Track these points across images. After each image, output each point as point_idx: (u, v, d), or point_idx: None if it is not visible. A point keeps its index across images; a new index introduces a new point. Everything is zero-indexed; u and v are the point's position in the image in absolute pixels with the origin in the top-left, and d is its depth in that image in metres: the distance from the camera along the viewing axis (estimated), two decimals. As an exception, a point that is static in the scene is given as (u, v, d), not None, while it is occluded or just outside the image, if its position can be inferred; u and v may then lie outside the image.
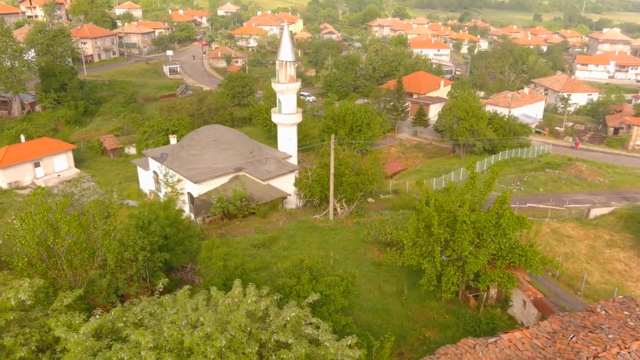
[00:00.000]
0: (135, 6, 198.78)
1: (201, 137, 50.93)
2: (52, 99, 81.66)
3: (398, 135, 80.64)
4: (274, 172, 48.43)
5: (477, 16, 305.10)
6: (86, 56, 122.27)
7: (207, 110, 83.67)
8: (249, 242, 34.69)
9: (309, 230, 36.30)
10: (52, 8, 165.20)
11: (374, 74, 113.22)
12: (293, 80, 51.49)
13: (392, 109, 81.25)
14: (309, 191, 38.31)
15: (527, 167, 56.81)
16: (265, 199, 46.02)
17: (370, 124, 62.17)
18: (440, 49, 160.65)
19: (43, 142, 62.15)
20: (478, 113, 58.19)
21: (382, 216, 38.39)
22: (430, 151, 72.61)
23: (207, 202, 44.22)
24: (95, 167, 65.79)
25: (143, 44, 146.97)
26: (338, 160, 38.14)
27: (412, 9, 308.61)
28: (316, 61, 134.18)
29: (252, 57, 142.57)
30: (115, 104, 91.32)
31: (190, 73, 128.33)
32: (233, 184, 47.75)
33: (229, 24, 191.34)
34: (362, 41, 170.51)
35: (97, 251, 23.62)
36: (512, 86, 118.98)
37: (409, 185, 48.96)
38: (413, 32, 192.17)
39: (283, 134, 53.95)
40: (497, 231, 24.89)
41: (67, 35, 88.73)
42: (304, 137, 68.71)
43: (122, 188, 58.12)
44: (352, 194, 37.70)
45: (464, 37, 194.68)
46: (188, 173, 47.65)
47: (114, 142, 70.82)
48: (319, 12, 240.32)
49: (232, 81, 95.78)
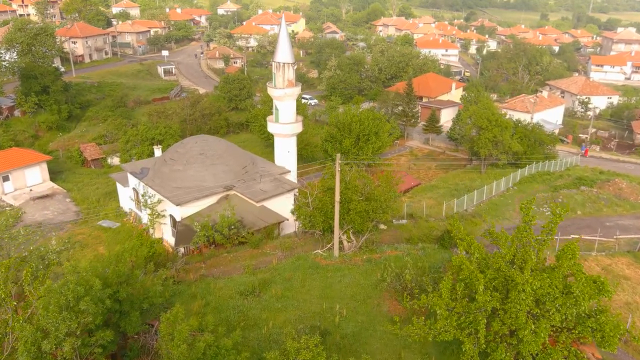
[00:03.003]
0: (132, 5, 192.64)
1: (186, 149, 44.36)
2: (32, 103, 75.22)
3: (408, 143, 73.96)
4: (270, 192, 41.83)
5: (483, 15, 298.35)
6: (77, 56, 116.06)
7: (200, 116, 77.15)
8: (235, 288, 28.08)
9: (309, 271, 29.67)
10: (45, 6, 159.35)
11: (380, 76, 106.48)
12: (292, 84, 44.85)
13: (402, 114, 74.55)
14: (309, 221, 31.68)
15: (557, 183, 50.10)
16: (259, 224, 39.40)
17: (379, 133, 55.51)
18: (448, 49, 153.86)
19: (13, 153, 55.65)
20: (502, 122, 51.44)
21: (398, 252, 31.73)
22: (444, 161, 65.87)
23: (190, 229, 37.63)
24: (73, 180, 59.21)
25: (138, 44, 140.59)
26: (344, 182, 31.51)
27: (416, 8, 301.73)
28: (319, 62, 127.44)
29: (251, 58, 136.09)
30: (103, 107, 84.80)
31: (186, 74, 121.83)
32: (222, 205, 41.14)
33: (228, 23, 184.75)
34: (367, 41, 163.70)
35: (6, 336, 17.01)
36: (526, 88, 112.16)
37: (427, 207, 42.23)
38: (419, 31, 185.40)
39: (281, 145, 47.32)
40: (566, 300, 18.17)
41: (50, 34, 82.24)
42: (304, 147, 62.15)
43: (100, 206, 51.66)
44: (361, 225, 31.08)
45: (471, 36, 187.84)
46: (170, 193, 41.09)
47: (95, 151, 64.29)
48: (322, 10, 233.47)
49: (228, 83, 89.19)
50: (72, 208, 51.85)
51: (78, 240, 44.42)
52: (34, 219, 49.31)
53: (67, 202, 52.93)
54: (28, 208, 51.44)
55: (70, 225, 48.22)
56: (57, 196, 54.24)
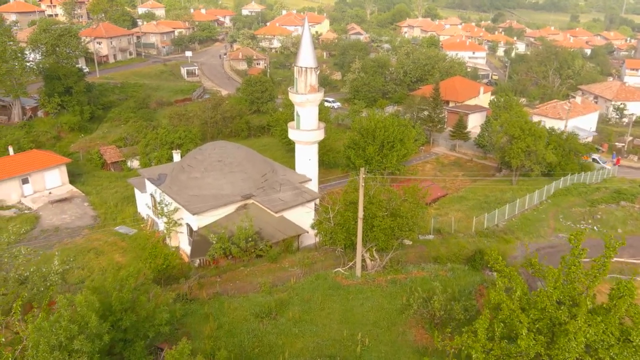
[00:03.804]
0: (158, 5, 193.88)
1: (204, 156, 43.00)
2: (55, 104, 75.19)
3: (434, 150, 71.47)
4: (289, 202, 40.10)
5: (511, 17, 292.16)
6: (101, 56, 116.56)
7: (221, 119, 76.07)
8: (251, 308, 26.39)
9: (329, 292, 27.80)
10: (72, 6, 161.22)
11: (405, 79, 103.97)
12: (314, 90, 43.04)
13: (427, 119, 72.07)
14: (330, 238, 29.80)
15: (594, 196, 47.10)
16: (277, 236, 37.72)
17: (404, 140, 53.29)
18: (475, 52, 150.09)
19: (33, 155, 55.17)
20: (536, 131, 48.65)
21: (425, 272, 29.61)
22: (471, 169, 63.28)
23: (206, 240, 36.16)
24: (92, 183, 58.54)
25: (162, 44, 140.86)
26: (368, 197, 29.55)
27: (442, 9, 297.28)
28: (342, 64, 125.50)
29: (274, 59, 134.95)
30: (125, 109, 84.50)
31: (209, 75, 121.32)
32: (240, 215, 39.62)
33: (252, 24, 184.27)
34: (391, 42, 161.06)
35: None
36: (557, 93, 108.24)
37: (455, 221, 39.87)
38: (445, 33, 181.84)
39: (301, 153, 45.54)
40: (623, 349, 15.89)
41: (73, 35, 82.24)
42: (326, 152, 60.35)
43: (117, 211, 50.69)
44: (385, 242, 29.07)
45: (499, 38, 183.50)
46: (186, 201, 39.73)
47: (115, 154, 63.61)
48: (346, 11, 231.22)
49: (250, 85, 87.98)
50: (90, 212, 51.02)
51: (94, 247, 43.42)
52: (52, 223, 48.63)
53: (85, 206, 52.16)
54: (46, 212, 50.83)
55: (86, 231, 47.33)
56: (76, 200, 53.54)
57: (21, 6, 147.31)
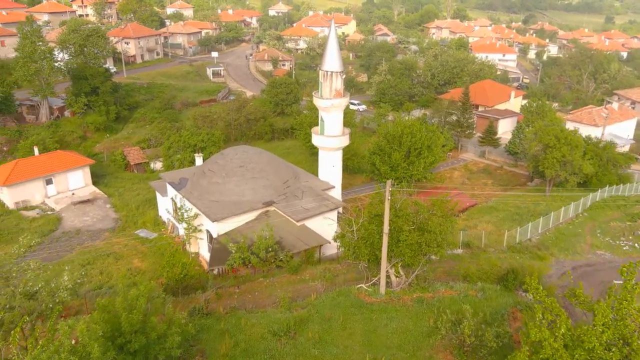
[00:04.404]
0: (186, 5, 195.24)
1: (226, 161, 42.11)
2: (82, 104, 75.59)
3: (462, 156, 69.24)
4: (312, 211, 38.83)
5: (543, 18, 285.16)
6: (129, 57, 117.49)
7: (245, 121, 75.37)
8: (268, 326, 25.16)
9: (350, 310, 26.38)
10: (102, 7, 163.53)
11: (433, 82, 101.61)
12: (340, 95, 41.67)
13: (456, 124, 69.86)
14: (353, 252, 28.35)
15: (634, 210, 44.45)
16: (298, 246, 36.49)
17: (432, 147, 51.46)
18: (505, 54, 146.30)
19: (57, 156, 55.31)
20: (572, 140, 46.17)
21: (454, 292, 27.91)
22: (501, 178, 60.94)
23: (225, 249, 35.14)
24: (115, 185, 58.42)
25: (189, 45, 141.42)
26: (394, 209, 28.00)
27: (471, 10, 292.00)
28: (368, 65, 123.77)
29: (300, 60, 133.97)
30: (151, 109, 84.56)
31: (235, 76, 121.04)
32: (261, 222, 38.55)
33: (278, 25, 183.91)
34: (419, 44, 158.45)
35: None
36: (591, 98, 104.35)
37: (485, 235, 37.92)
38: (475, 34, 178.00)
39: (325, 159, 44.24)
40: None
41: (101, 36, 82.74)
42: (350, 157, 58.90)
43: (139, 214, 50.30)
44: (412, 258, 27.47)
45: (530, 40, 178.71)
46: (207, 207, 38.86)
47: (138, 155, 63.45)
48: (373, 12, 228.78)
49: (275, 87, 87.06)
50: (112, 215, 50.77)
51: (114, 251, 42.99)
52: (73, 225, 48.51)
53: (107, 209, 51.96)
54: (68, 213, 50.80)
55: (107, 234, 47.04)
56: (98, 201, 53.42)
57: (53, 6, 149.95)
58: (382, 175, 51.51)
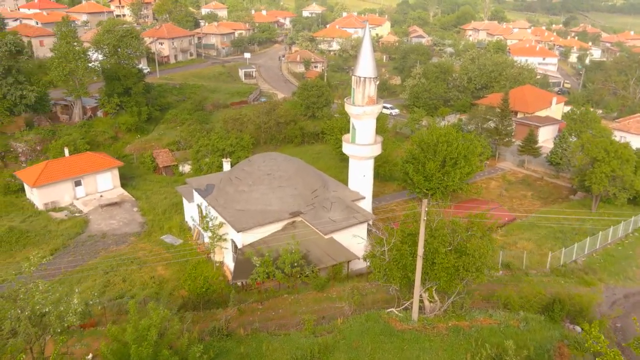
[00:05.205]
0: (221, 6, 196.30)
1: (253, 169, 40.77)
2: (114, 104, 76.00)
3: (499, 165, 66.12)
4: (340, 223, 37.03)
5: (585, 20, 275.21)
6: (163, 57, 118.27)
7: (275, 124, 74.17)
8: (291, 352, 23.54)
9: (380, 338, 24.47)
10: (139, 7, 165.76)
11: (469, 86, 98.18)
12: (373, 102, 39.74)
13: (494, 131, 66.73)
14: (384, 275, 26.41)
15: (691, 232, 40.86)
16: (325, 261, 34.77)
17: (469, 157, 48.85)
18: (545, 57, 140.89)
19: (87, 158, 55.24)
20: (623, 154, 42.87)
21: (493, 321, 25.64)
22: (541, 190, 57.68)
23: (249, 262, 33.69)
24: (143, 187, 58.01)
25: (222, 46, 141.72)
26: (429, 229, 25.94)
27: (509, 12, 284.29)
28: (402, 68, 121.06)
29: (332, 62, 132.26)
30: (182, 110, 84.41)
31: (267, 77, 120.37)
32: (287, 233, 37.06)
33: (312, 26, 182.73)
34: (455, 46, 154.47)
35: None
36: (638, 105, 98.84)
37: (527, 256, 35.25)
38: (513, 37, 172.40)
39: (356, 168, 42.39)
40: None
41: (135, 36, 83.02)
42: (382, 164, 56.72)
43: (165, 218, 49.56)
44: (448, 283, 25.36)
45: (572, 43, 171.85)
46: (232, 217, 37.58)
47: (167, 158, 62.97)
48: (408, 13, 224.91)
49: (307, 90, 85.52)
50: (138, 219, 50.21)
51: (138, 257, 42.26)
52: (100, 229, 48.12)
53: (134, 212, 51.43)
54: (95, 216, 50.51)
55: (133, 238, 46.44)
56: (125, 204, 53.00)
57: (92, 7, 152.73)
58: (415, 185, 49.21)
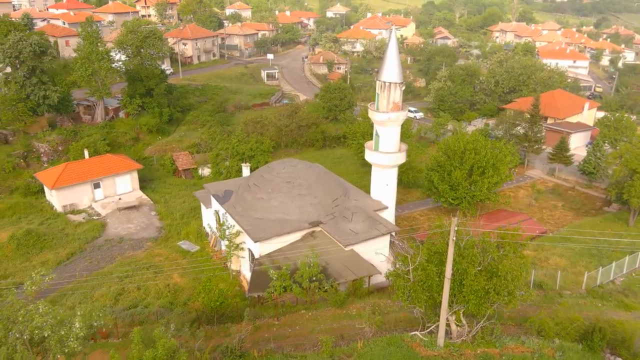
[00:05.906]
0: (245, 7, 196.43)
1: (272, 176, 39.47)
2: (136, 105, 75.73)
3: (528, 172, 63.58)
4: (361, 235, 35.43)
5: (617, 22, 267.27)
6: (186, 58, 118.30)
7: (296, 127, 72.89)
8: (307, 377, 22.03)
9: (403, 364, 22.81)
10: (164, 7, 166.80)
11: (497, 89, 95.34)
12: (398, 108, 38.02)
13: (523, 137, 64.16)
14: (408, 296, 24.74)
15: None
16: (345, 275, 33.23)
17: (497, 165, 46.73)
18: (576, 60, 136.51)
19: (106, 160, 54.76)
20: (664, 165, 40.31)
21: (525, 348, 23.74)
22: (573, 200, 55.06)
23: (265, 275, 32.35)
24: (162, 191, 57.32)
25: (245, 46, 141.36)
26: (458, 248, 24.19)
27: (538, 13, 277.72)
28: (427, 70, 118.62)
29: (356, 64, 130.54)
30: (203, 112, 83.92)
31: (289, 79, 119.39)
32: (306, 242, 35.68)
33: (336, 27, 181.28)
34: (482, 48, 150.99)
35: None
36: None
37: (562, 274, 33.06)
38: (542, 39, 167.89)
39: (379, 177, 40.70)
40: None
41: (158, 37, 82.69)
42: (406, 170, 54.80)
43: (183, 223, 48.65)
44: (477, 307, 23.58)
45: (604, 46, 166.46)
46: (250, 226, 36.32)
47: (187, 161, 62.26)
48: (434, 14, 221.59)
49: (329, 92, 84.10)
50: (156, 223, 49.45)
51: (154, 264, 41.39)
52: (117, 233, 47.49)
53: (152, 216, 50.71)
54: (113, 219, 49.93)
55: (149, 243, 45.63)
56: (143, 208, 52.35)
57: (118, 7, 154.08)
58: (441, 195, 47.33)
